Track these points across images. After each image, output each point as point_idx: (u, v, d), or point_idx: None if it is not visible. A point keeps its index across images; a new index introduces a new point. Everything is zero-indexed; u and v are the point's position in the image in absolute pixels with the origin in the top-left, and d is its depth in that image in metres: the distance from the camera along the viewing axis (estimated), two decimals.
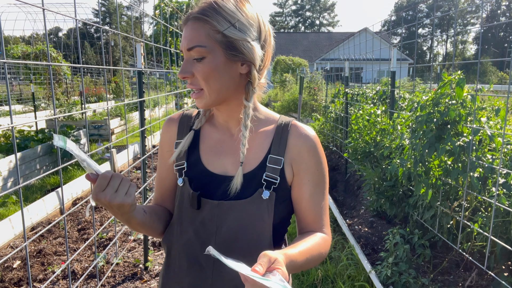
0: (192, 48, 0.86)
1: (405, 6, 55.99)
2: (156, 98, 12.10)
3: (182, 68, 0.88)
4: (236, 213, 0.91)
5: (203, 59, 0.86)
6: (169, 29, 8.26)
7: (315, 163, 0.96)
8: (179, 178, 0.98)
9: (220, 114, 0.99)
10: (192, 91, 0.91)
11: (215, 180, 0.94)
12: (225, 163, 0.96)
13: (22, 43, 16.93)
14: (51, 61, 9.45)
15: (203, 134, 1.01)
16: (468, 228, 2.37)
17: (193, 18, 0.87)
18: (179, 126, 1.04)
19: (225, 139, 0.99)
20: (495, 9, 54.29)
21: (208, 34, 0.85)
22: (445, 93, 2.40)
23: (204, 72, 0.87)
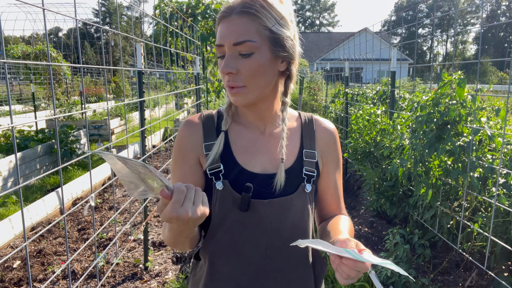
0: (241, 42, 0.83)
1: (405, 6, 55.98)
2: (156, 98, 12.10)
3: (226, 63, 0.85)
4: (286, 209, 0.92)
5: (251, 54, 0.84)
6: (169, 29, 8.25)
7: (338, 153, 1.04)
8: (217, 181, 0.92)
9: (250, 112, 0.97)
10: (230, 88, 0.88)
11: (256, 180, 0.93)
12: (262, 161, 0.95)
13: (22, 43, 16.94)
14: (51, 61, 9.45)
15: (231, 134, 0.98)
16: (468, 228, 2.37)
17: (240, 12, 0.84)
18: (204, 128, 0.98)
19: (256, 138, 0.98)
20: (495, 9, 54.28)
21: (258, 30, 0.84)
22: (445, 93, 2.40)
23: (252, 68, 0.85)
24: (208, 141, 0.97)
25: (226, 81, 0.88)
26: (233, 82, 0.86)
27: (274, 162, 0.95)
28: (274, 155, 0.96)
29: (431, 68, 3.70)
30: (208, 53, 10.98)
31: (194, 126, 0.99)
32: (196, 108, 5.42)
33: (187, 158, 0.97)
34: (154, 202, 4.11)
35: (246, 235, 0.92)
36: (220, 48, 0.88)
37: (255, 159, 0.95)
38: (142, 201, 2.75)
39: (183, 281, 2.76)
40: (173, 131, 7.90)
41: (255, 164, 0.95)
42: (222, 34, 0.86)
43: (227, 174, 0.93)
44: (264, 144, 0.97)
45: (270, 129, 0.98)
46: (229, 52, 0.85)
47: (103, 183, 5.10)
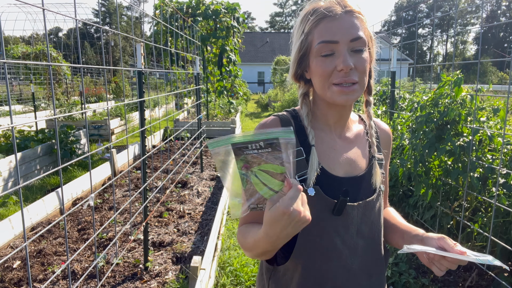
0: (358, 38, 0.86)
1: (405, 6, 55.99)
2: (156, 98, 12.10)
3: (345, 59, 0.85)
4: (369, 210, 0.97)
5: (363, 51, 0.88)
6: (169, 29, 8.25)
7: (390, 151, 1.12)
8: (308, 188, 0.92)
9: (334, 114, 0.98)
10: (345, 85, 0.87)
11: (343, 183, 0.95)
12: (343, 165, 0.98)
13: (22, 43, 16.94)
14: (51, 61, 9.46)
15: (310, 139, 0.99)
16: (468, 228, 2.37)
17: (348, 12, 0.88)
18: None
19: (334, 141, 0.99)
20: (495, 9, 54.28)
21: (364, 27, 0.89)
22: (444, 93, 2.40)
23: (364, 64, 0.88)
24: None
25: (337, 78, 0.87)
26: (350, 77, 0.87)
27: (354, 164, 0.99)
28: (352, 158, 0.99)
29: (431, 68, 3.70)
30: (208, 53, 10.99)
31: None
32: (196, 108, 5.42)
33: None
34: (154, 202, 4.11)
35: (339, 238, 0.94)
36: (330, 45, 0.87)
37: (337, 163, 0.97)
38: (142, 201, 2.75)
39: (183, 281, 2.76)
40: (173, 131, 7.91)
41: (338, 168, 0.97)
42: (336, 31, 0.87)
43: (317, 180, 0.93)
44: (342, 147, 0.99)
45: (345, 132, 1.02)
46: (344, 48, 0.87)
47: (103, 183, 5.10)
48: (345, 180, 0.96)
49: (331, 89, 0.89)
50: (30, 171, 5.23)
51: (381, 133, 1.08)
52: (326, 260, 0.94)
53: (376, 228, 1.00)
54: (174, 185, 4.90)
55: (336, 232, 0.93)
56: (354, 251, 0.96)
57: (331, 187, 0.93)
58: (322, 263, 0.94)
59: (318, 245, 0.93)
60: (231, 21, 10.77)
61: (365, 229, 0.97)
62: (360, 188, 0.97)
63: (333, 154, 0.98)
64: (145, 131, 2.75)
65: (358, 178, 0.97)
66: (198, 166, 5.99)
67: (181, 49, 9.72)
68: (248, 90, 16.58)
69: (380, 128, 1.09)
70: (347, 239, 0.94)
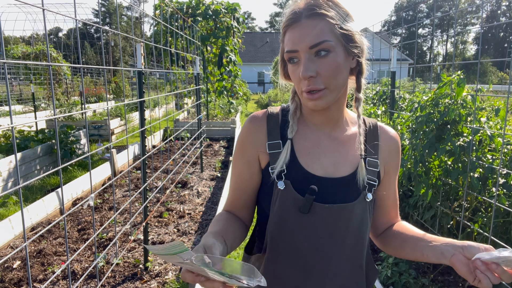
0: (318, 44, 0.82)
1: (405, 6, 55.99)
2: (156, 98, 12.10)
3: (306, 68, 0.83)
4: (345, 215, 0.91)
5: (328, 55, 0.83)
6: (169, 30, 8.26)
7: (399, 161, 1.03)
8: (279, 181, 0.92)
9: (320, 115, 0.95)
10: (312, 92, 0.86)
11: (317, 183, 0.92)
12: (325, 164, 0.94)
13: (22, 43, 16.94)
14: (51, 61, 9.46)
15: (295, 134, 0.97)
16: (468, 228, 2.37)
17: (309, 15, 0.83)
18: (268, 126, 0.98)
19: (321, 140, 0.96)
20: (495, 9, 54.29)
21: (331, 29, 0.83)
22: (444, 93, 2.40)
23: (330, 69, 0.84)
24: (271, 140, 0.96)
25: (304, 87, 0.86)
26: (313, 86, 0.84)
27: (338, 166, 0.94)
28: (338, 159, 0.94)
29: (431, 68, 3.70)
30: (208, 53, 10.99)
31: (259, 123, 0.98)
32: (196, 108, 5.42)
33: (247, 153, 0.98)
34: (154, 202, 4.11)
35: (304, 237, 0.91)
36: (293, 53, 0.86)
37: (318, 162, 0.94)
38: (142, 201, 2.75)
39: (183, 281, 2.76)
40: (173, 131, 7.91)
41: (317, 167, 0.94)
42: (295, 40, 0.84)
43: (289, 175, 0.93)
44: (329, 147, 0.96)
45: (336, 132, 0.97)
46: (305, 56, 0.84)
47: (103, 183, 5.10)
48: (322, 180, 0.92)
49: (302, 96, 0.88)
50: (30, 171, 5.23)
51: (386, 140, 1.00)
52: (288, 256, 0.93)
53: (357, 239, 0.94)
54: (174, 185, 4.90)
55: (301, 230, 0.91)
56: (325, 255, 0.92)
57: (305, 184, 0.91)
58: (284, 259, 0.93)
59: (282, 240, 0.93)
60: (231, 21, 10.77)
61: (341, 235, 0.92)
62: (340, 191, 0.92)
63: (314, 152, 0.95)
64: (145, 131, 2.75)
65: (338, 180, 0.93)
66: (198, 166, 5.99)
67: (181, 49, 9.72)
68: (248, 90, 16.60)
69: (387, 134, 1.01)
70: (315, 240, 0.91)
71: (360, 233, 0.93)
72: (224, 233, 0.90)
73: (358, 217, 0.92)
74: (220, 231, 0.89)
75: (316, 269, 0.92)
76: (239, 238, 0.98)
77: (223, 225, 0.94)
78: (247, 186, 0.99)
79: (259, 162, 0.97)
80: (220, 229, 0.91)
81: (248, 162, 0.98)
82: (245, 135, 0.99)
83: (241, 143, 0.99)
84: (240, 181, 1.00)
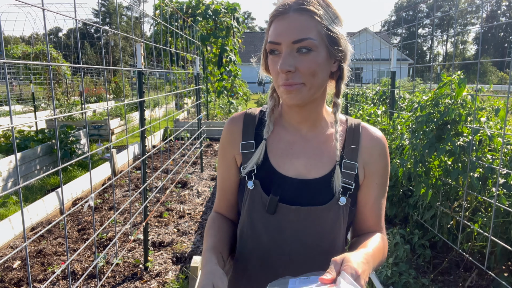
0: (301, 40, 0.81)
1: (405, 6, 55.99)
2: (156, 98, 12.10)
3: (284, 61, 0.82)
4: (314, 219, 0.89)
5: (310, 53, 0.82)
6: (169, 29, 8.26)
7: (384, 166, 0.95)
8: (249, 181, 0.92)
9: (297, 114, 0.94)
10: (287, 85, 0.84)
11: (287, 184, 0.91)
12: (297, 165, 0.92)
13: (22, 43, 16.94)
14: (51, 61, 9.46)
15: (270, 135, 0.97)
16: (468, 228, 2.37)
17: (298, 9, 0.82)
18: (244, 127, 0.99)
19: (295, 141, 0.95)
20: (495, 9, 54.29)
21: (316, 27, 0.82)
22: (444, 93, 2.40)
23: (310, 66, 0.82)
24: (245, 139, 0.97)
25: (282, 80, 0.84)
26: (291, 80, 0.83)
27: (310, 168, 0.92)
28: (311, 161, 0.92)
29: (431, 68, 3.70)
30: (208, 53, 10.99)
31: (235, 124, 1.00)
32: (196, 108, 5.42)
33: (226, 154, 1.01)
34: (154, 202, 4.11)
35: (270, 238, 0.91)
36: (274, 45, 0.85)
37: (290, 162, 0.93)
38: (142, 201, 2.75)
39: (183, 281, 2.76)
40: (173, 131, 7.91)
41: (289, 167, 0.92)
42: (280, 32, 0.83)
43: (259, 174, 0.93)
44: (303, 148, 0.94)
45: (313, 133, 0.95)
46: (286, 50, 0.83)
47: (103, 183, 5.10)
48: (292, 181, 0.91)
49: (279, 89, 0.87)
50: (30, 171, 5.23)
51: (368, 142, 0.94)
52: (255, 256, 0.93)
53: (327, 244, 0.90)
54: (174, 185, 4.90)
55: (266, 230, 0.91)
56: (290, 259, 0.90)
57: (274, 185, 0.91)
58: (251, 259, 0.94)
59: (250, 240, 0.93)
60: (231, 21, 10.77)
61: (309, 239, 0.89)
62: (311, 193, 0.90)
63: (287, 153, 0.94)
64: (145, 131, 2.75)
65: (310, 182, 0.90)
66: (198, 166, 5.99)
67: (181, 49, 9.72)
68: (248, 90, 16.60)
69: (369, 136, 0.95)
70: (280, 242, 0.90)
71: (332, 237, 0.90)
72: (220, 244, 0.92)
73: (328, 221, 0.89)
74: (217, 245, 0.91)
75: (281, 272, 0.90)
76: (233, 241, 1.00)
77: (217, 235, 0.96)
78: (228, 186, 1.02)
79: (236, 162, 0.99)
80: (216, 241, 0.93)
81: (227, 163, 1.00)
82: (224, 136, 1.02)
83: (221, 144, 1.02)
84: (222, 181, 1.03)
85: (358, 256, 0.73)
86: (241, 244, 0.96)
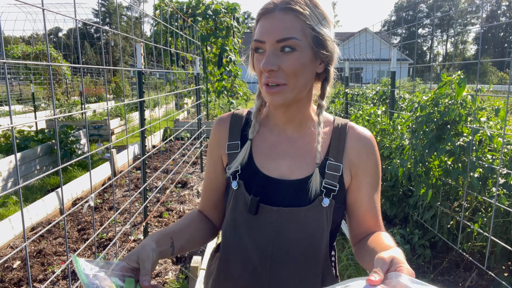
0: (285, 39, 0.81)
1: (405, 6, 55.99)
2: (156, 98, 12.11)
3: (268, 60, 0.82)
4: (295, 220, 0.88)
5: (293, 52, 0.82)
6: (169, 29, 8.25)
7: (373, 165, 0.93)
8: (233, 181, 0.93)
9: (282, 114, 0.93)
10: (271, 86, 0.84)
11: (271, 184, 0.90)
12: (281, 166, 0.92)
13: (22, 43, 16.94)
14: (51, 61, 9.46)
15: (256, 135, 0.97)
16: (468, 228, 2.37)
17: (284, 9, 0.82)
18: (230, 128, 0.99)
19: (280, 142, 0.95)
20: (495, 9, 54.30)
21: (302, 27, 0.82)
22: (444, 93, 2.40)
23: (294, 66, 0.82)
24: (231, 140, 0.98)
25: (264, 78, 0.84)
26: (274, 79, 0.83)
27: (294, 168, 0.92)
28: (295, 161, 0.92)
29: (431, 68, 3.70)
30: (208, 53, 10.99)
31: (222, 125, 1.01)
32: (196, 108, 5.42)
33: (213, 154, 1.02)
34: (154, 202, 4.11)
35: (251, 238, 0.91)
36: (259, 43, 0.84)
37: (274, 163, 0.93)
38: (142, 201, 2.75)
39: (183, 281, 2.76)
40: (173, 131, 7.91)
41: (272, 168, 0.92)
42: (264, 30, 0.83)
43: (243, 175, 0.93)
44: (287, 149, 0.94)
45: (298, 134, 0.95)
46: (270, 48, 0.82)
47: (103, 183, 5.10)
48: (276, 182, 0.90)
49: (263, 88, 0.86)
50: (30, 171, 5.23)
51: (354, 142, 0.93)
52: (237, 257, 0.93)
53: (309, 246, 0.88)
54: (174, 185, 4.90)
55: (248, 231, 0.91)
56: (272, 261, 0.89)
57: (258, 186, 0.91)
58: (234, 259, 0.94)
59: (233, 240, 0.94)
60: (231, 21, 10.77)
61: (290, 240, 0.88)
62: (293, 194, 0.89)
63: (271, 154, 0.94)
64: (145, 131, 2.76)
65: (293, 183, 0.90)
66: (198, 166, 5.99)
67: (181, 49, 9.72)
68: (248, 90, 16.60)
69: (356, 135, 0.94)
70: (261, 243, 0.90)
71: (314, 239, 0.88)
72: (177, 233, 0.92)
73: (310, 223, 0.88)
74: (173, 231, 0.92)
75: (262, 273, 0.90)
76: (200, 239, 1.00)
77: (182, 225, 0.97)
78: (213, 186, 1.03)
79: (222, 162, 1.00)
80: (175, 229, 0.94)
81: (213, 163, 1.02)
82: (211, 136, 1.03)
83: (209, 144, 1.04)
84: (208, 181, 1.04)
85: (402, 256, 0.66)
86: (224, 244, 0.96)
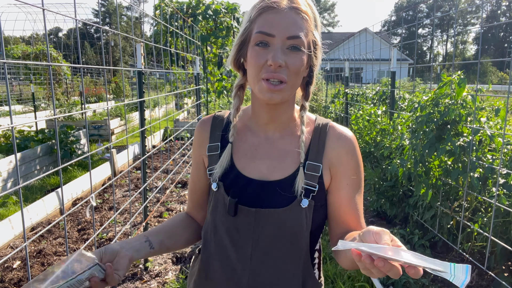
0: (296, 37, 0.81)
1: (405, 6, 55.99)
2: (156, 98, 12.11)
3: (277, 55, 0.80)
4: (274, 221, 0.87)
5: (299, 52, 0.82)
6: (169, 29, 8.25)
7: (354, 166, 0.92)
8: (213, 182, 0.93)
9: (266, 113, 0.92)
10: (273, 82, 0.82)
11: (250, 185, 0.90)
12: (260, 167, 0.92)
13: (22, 43, 16.94)
14: (51, 61, 9.45)
15: (236, 136, 0.96)
16: (468, 228, 2.37)
17: (294, 8, 0.83)
18: (211, 130, 1.00)
19: (260, 143, 0.94)
20: (495, 9, 54.30)
21: (306, 29, 0.84)
22: (444, 93, 2.40)
23: (298, 65, 0.83)
24: (212, 142, 0.99)
25: (266, 73, 0.82)
26: (279, 74, 0.81)
27: (273, 169, 0.91)
28: (274, 162, 0.92)
29: (431, 68, 3.70)
30: (208, 53, 10.99)
31: (203, 127, 1.02)
32: (196, 108, 5.42)
33: (196, 156, 1.03)
34: (154, 202, 4.11)
35: (230, 240, 0.91)
36: (266, 36, 0.82)
37: (253, 164, 0.93)
38: (142, 201, 2.75)
39: (183, 281, 2.76)
40: (173, 131, 7.91)
41: (252, 169, 0.92)
42: (275, 24, 0.81)
43: (224, 177, 0.93)
44: (267, 150, 0.93)
45: (279, 134, 0.94)
46: (279, 44, 0.82)
47: (103, 183, 5.10)
48: (255, 183, 0.90)
49: (260, 83, 0.84)
50: (30, 171, 5.23)
51: (334, 142, 0.92)
52: (217, 258, 0.93)
53: (290, 247, 0.88)
54: (174, 185, 4.90)
55: (228, 233, 0.91)
56: (252, 262, 0.89)
57: (237, 187, 0.91)
58: (214, 260, 0.94)
59: (212, 241, 0.94)
60: (231, 21, 10.77)
61: (269, 242, 0.88)
62: (273, 195, 0.88)
63: (251, 155, 0.93)
64: (145, 131, 2.76)
65: (273, 184, 0.89)
66: None
67: (181, 49, 9.73)
68: (248, 90, 16.61)
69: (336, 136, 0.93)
70: (240, 244, 0.90)
71: (294, 240, 0.88)
72: (154, 231, 0.95)
73: (290, 224, 0.87)
74: (149, 231, 0.95)
75: (242, 274, 0.90)
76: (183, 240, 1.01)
77: (163, 226, 0.99)
78: (197, 188, 1.04)
79: (204, 164, 1.01)
80: (155, 229, 0.96)
81: (196, 165, 1.03)
82: (194, 139, 1.04)
83: (192, 147, 1.05)
84: (192, 182, 1.05)
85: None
86: (204, 245, 0.96)
